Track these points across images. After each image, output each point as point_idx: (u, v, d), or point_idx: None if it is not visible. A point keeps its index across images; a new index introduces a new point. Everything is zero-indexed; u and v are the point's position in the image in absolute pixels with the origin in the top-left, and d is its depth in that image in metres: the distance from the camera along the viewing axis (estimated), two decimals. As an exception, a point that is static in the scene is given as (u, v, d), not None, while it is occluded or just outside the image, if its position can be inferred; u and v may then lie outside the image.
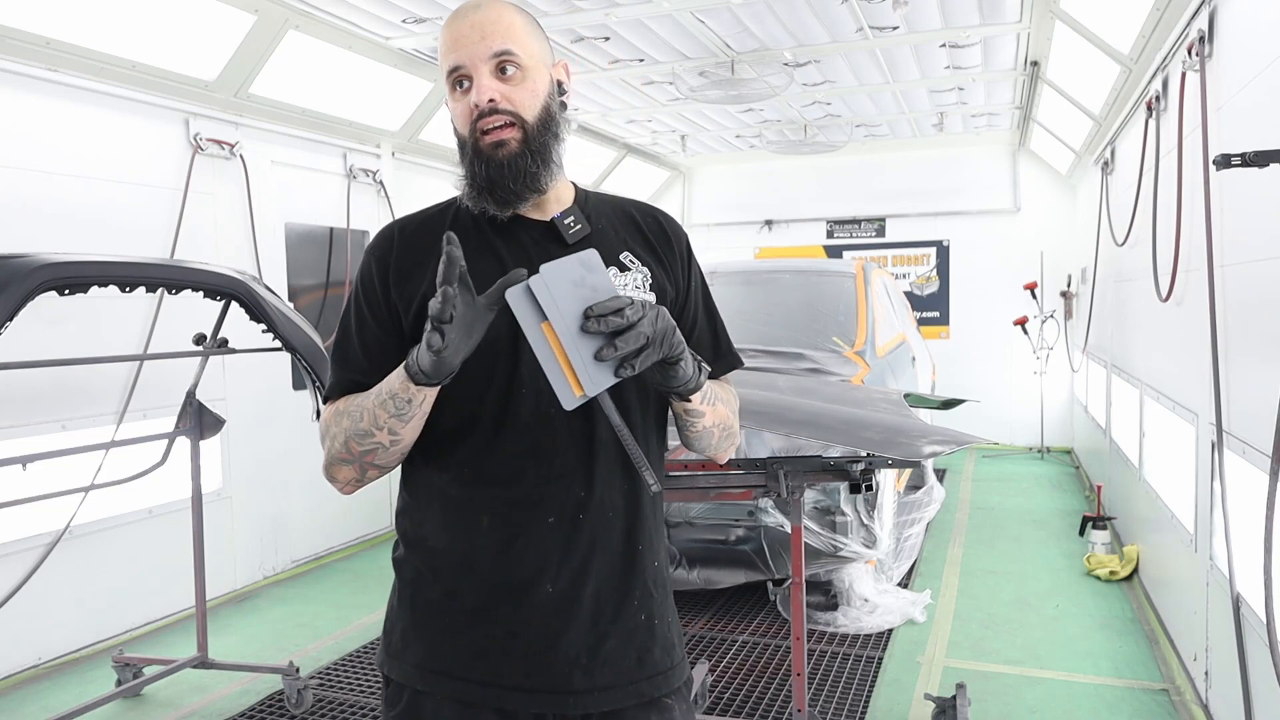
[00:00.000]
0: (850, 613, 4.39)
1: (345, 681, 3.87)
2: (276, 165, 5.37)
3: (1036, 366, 8.76)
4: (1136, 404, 4.88)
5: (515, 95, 1.31)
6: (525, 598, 1.32)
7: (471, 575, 1.33)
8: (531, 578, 1.32)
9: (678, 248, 1.48)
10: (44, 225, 4.02)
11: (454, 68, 1.31)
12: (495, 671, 1.32)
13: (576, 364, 1.16)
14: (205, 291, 3.36)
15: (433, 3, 4.69)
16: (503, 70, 1.31)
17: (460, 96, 1.32)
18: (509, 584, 1.32)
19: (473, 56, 1.29)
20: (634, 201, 1.52)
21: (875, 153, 9.31)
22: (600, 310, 1.14)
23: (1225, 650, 3.02)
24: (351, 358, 1.36)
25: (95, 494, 3.81)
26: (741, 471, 3.03)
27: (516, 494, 1.32)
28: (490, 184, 1.31)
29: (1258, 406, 2.67)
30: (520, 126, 1.31)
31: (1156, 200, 4.22)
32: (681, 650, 1.45)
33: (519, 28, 1.33)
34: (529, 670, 1.32)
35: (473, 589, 1.33)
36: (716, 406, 1.40)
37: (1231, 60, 3.12)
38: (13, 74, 3.89)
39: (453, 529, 1.35)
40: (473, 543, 1.33)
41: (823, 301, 5.52)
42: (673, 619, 1.45)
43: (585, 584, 1.33)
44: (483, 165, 1.31)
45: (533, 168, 1.32)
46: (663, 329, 1.19)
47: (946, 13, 5.09)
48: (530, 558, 1.32)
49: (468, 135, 1.33)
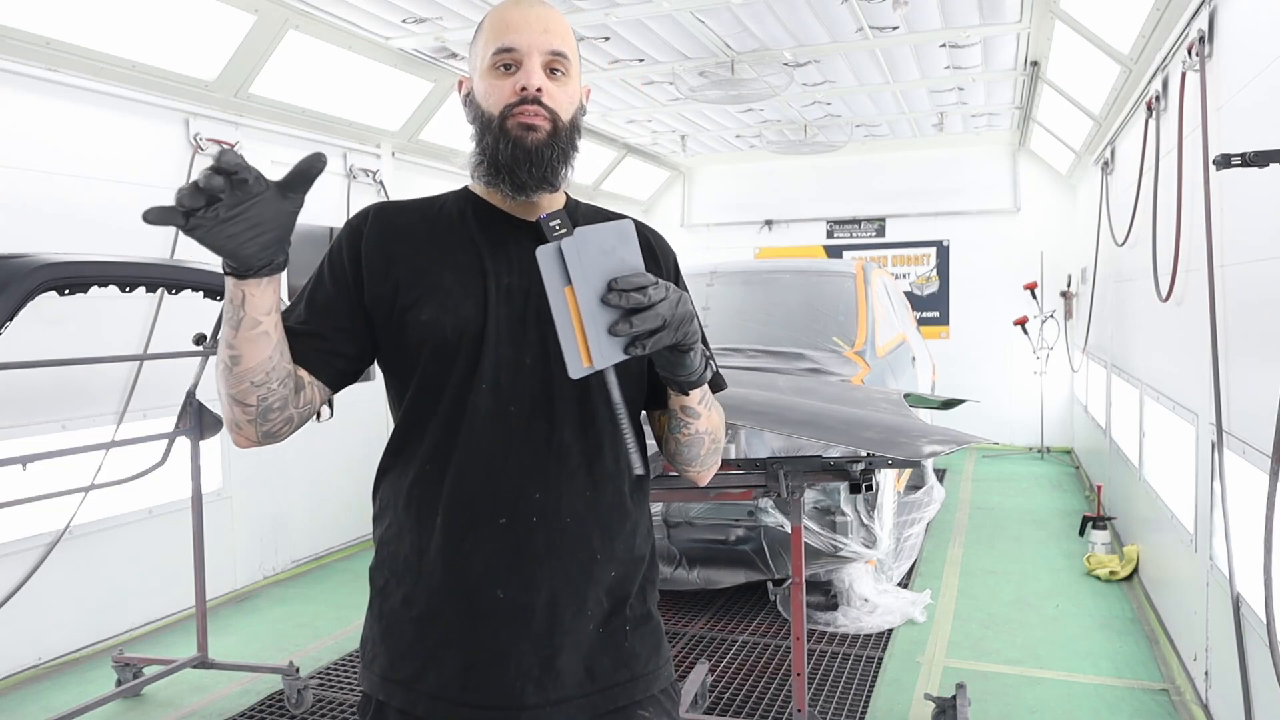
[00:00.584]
0: (850, 613, 4.39)
1: (345, 681, 3.87)
2: (276, 165, 5.32)
3: (1036, 366, 8.76)
4: (1136, 404, 4.88)
5: (558, 94, 1.33)
6: (473, 604, 1.28)
7: (423, 579, 1.30)
8: (478, 581, 1.28)
9: (665, 265, 1.46)
10: (44, 225, 4.02)
11: (507, 48, 1.31)
12: (443, 683, 1.29)
13: (590, 334, 1.15)
14: (205, 291, 3.36)
15: (433, 3, 4.69)
16: (552, 70, 1.33)
17: (501, 76, 1.32)
18: (457, 588, 1.28)
19: (530, 45, 1.31)
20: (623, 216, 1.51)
21: (875, 153, 9.31)
22: (624, 285, 1.13)
23: (1225, 650, 3.02)
24: (294, 311, 1.33)
25: (95, 494, 3.81)
26: (741, 471, 3.03)
27: (470, 492, 1.29)
28: (513, 165, 1.30)
29: (1258, 406, 2.67)
30: (553, 121, 1.32)
31: (1156, 200, 4.22)
32: (655, 660, 1.39)
33: (572, 37, 1.37)
34: (478, 682, 1.28)
35: (424, 594, 1.30)
36: (712, 413, 1.38)
37: (1231, 60, 3.12)
38: (13, 74, 3.89)
39: (411, 531, 1.32)
40: (427, 544, 1.30)
41: (823, 301, 5.51)
42: (647, 631, 1.39)
43: (538, 592, 1.28)
44: (508, 145, 1.30)
45: (555, 160, 1.32)
46: (681, 314, 1.18)
47: (946, 13, 5.09)
48: (478, 560, 1.28)
49: (497, 114, 1.31)
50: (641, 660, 1.36)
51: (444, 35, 5.19)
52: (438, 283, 1.31)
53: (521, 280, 1.32)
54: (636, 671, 1.36)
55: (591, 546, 1.31)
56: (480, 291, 1.31)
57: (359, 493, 6.10)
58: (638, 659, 1.36)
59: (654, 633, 1.41)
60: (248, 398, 1.23)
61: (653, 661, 1.38)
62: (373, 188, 6.15)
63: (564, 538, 1.30)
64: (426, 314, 1.30)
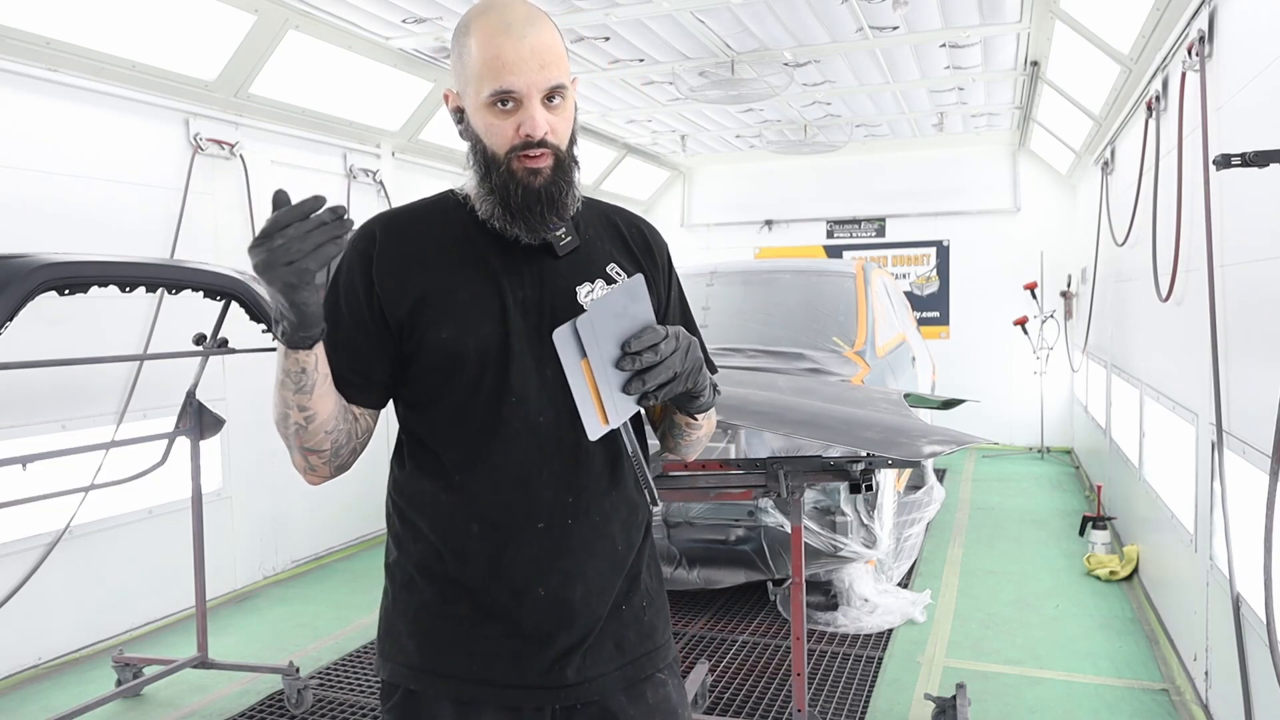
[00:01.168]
0: (850, 613, 4.39)
1: (345, 681, 3.87)
2: (276, 165, 5.37)
3: (1036, 366, 8.76)
4: (1136, 404, 4.88)
5: (559, 126, 1.31)
6: (519, 601, 1.35)
7: (465, 580, 1.36)
8: (523, 584, 1.35)
9: (659, 259, 1.50)
10: (44, 225, 4.02)
11: (506, 90, 1.27)
12: (490, 669, 1.36)
13: (605, 395, 1.18)
14: (205, 291, 3.36)
15: (433, 3, 4.69)
16: (551, 99, 1.30)
17: (501, 115, 1.29)
18: (502, 589, 1.35)
19: (529, 85, 1.27)
20: (618, 209, 1.53)
21: (875, 153, 9.31)
22: (637, 346, 1.20)
23: (1225, 650, 3.02)
24: None
25: (95, 494, 3.81)
26: (741, 471, 3.03)
27: (506, 499, 1.34)
28: (525, 210, 1.31)
29: (1258, 406, 2.67)
30: (555, 154, 1.32)
31: (1156, 200, 4.22)
32: (667, 632, 1.51)
33: (562, 51, 1.32)
34: (523, 668, 1.36)
35: (463, 592, 1.36)
36: (710, 418, 1.48)
37: (1231, 60, 3.12)
38: (13, 74, 3.89)
39: (444, 534, 1.37)
40: (465, 548, 1.35)
41: (823, 301, 5.51)
42: (659, 605, 1.50)
43: (575, 586, 1.37)
44: (518, 189, 1.30)
45: (563, 196, 1.33)
46: (691, 363, 1.25)
47: (946, 13, 5.09)
48: (521, 564, 1.35)
49: (502, 155, 1.31)
50: (659, 631, 1.48)
51: (444, 35, 5.19)
52: (454, 302, 1.33)
53: (535, 293, 1.36)
54: (657, 642, 1.47)
55: (615, 540, 1.41)
56: (498, 308, 1.34)
57: (359, 493, 6.10)
58: (656, 630, 1.48)
59: (665, 606, 1.53)
60: (322, 445, 1.31)
61: (666, 633, 1.50)
62: (373, 188, 6.15)
63: (595, 536, 1.39)
64: (446, 332, 1.33)
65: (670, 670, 1.49)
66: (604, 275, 1.40)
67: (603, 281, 1.39)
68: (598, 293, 1.37)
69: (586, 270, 1.39)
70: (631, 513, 1.45)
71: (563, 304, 1.35)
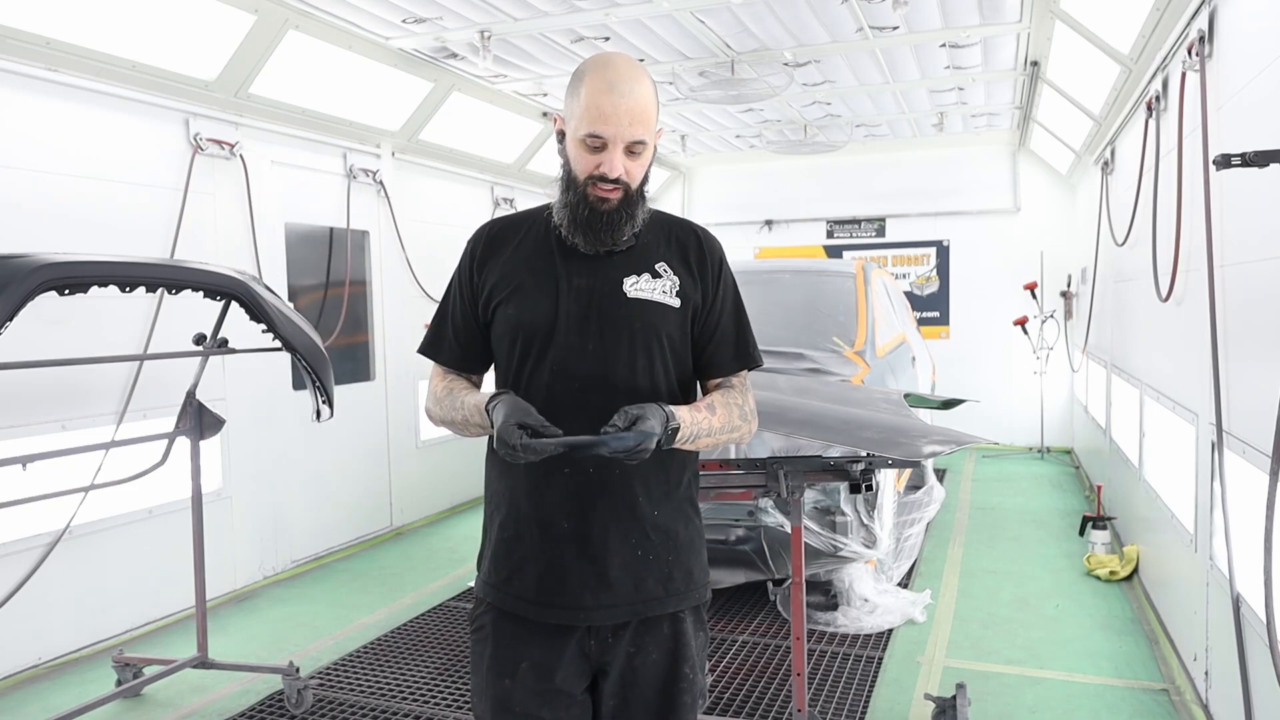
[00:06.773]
0: (850, 613, 4.39)
1: (345, 681, 3.87)
2: (276, 165, 5.37)
3: (1036, 366, 8.76)
4: (1136, 404, 4.88)
5: (634, 170, 1.63)
6: (547, 531, 1.68)
7: (513, 511, 1.71)
8: (551, 516, 1.67)
9: (711, 261, 1.78)
10: (44, 225, 4.02)
11: (596, 134, 1.58)
12: (524, 587, 1.70)
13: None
14: (205, 291, 3.36)
15: (433, 3, 4.70)
16: (632, 150, 1.61)
17: (590, 151, 1.60)
18: (536, 518, 1.68)
19: (616, 136, 1.58)
20: (681, 221, 1.83)
21: (875, 153, 9.32)
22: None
23: (1225, 650, 3.02)
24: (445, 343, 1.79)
25: (95, 494, 3.81)
26: (741, 471, 3.03)
27: None
28: (587, 226, 1.63)
29: (1258, 406, 2.67)
30: (625, 190, 1.62)
31: (1156, 200, 4.22)
32: (689, 580, 1.75)
33: (652, 112, 1.62)
34: (550, 588, 1.68)
35: (513, 522, 1.71)
36: (700, 439, 1.67)
37: (1231, 60, 3.12)
38: (13, 74, 3.89)
39: (505, 476, 1.73)
40: (515, 486, 1.71)
41: (823, 301, 5.51)
42: (675, 557, 1.73)
43: (592, 522, 1.66)
44: (585, 208, 1.63)
45: (623, 224, 1.64)
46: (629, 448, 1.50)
47: (946, 13, 5.09)
48: (551, 500, 1.67)
49: (582, 179, 1.62)
50: (678, 582, 1.74)
51: (444, 35, 5.20)
52: (521, 286, 1.69)
53: (587, 281, 1.67)
54: (673, 590, 1.73)
55: (634, 491, 1.68)
56: (554, 291, 1.67)
57: (359, 493, 6.11)
58: (674, 581, 1.73)
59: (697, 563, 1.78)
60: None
61: (688, 583, 1.75)
62: (373, 188, 6.15)
63: (612, 483, 1.67)
64: (511, 309, 1.69)
65: (691, 611, 1.77)
66: (651, 270, 1.70)
67: (649, 274, 1.69)
68: (643, 284, 1.67)
69: (636, 265, 1.69)
70: (656, 475, 1.70)
71: (610, 291, 1.66)
